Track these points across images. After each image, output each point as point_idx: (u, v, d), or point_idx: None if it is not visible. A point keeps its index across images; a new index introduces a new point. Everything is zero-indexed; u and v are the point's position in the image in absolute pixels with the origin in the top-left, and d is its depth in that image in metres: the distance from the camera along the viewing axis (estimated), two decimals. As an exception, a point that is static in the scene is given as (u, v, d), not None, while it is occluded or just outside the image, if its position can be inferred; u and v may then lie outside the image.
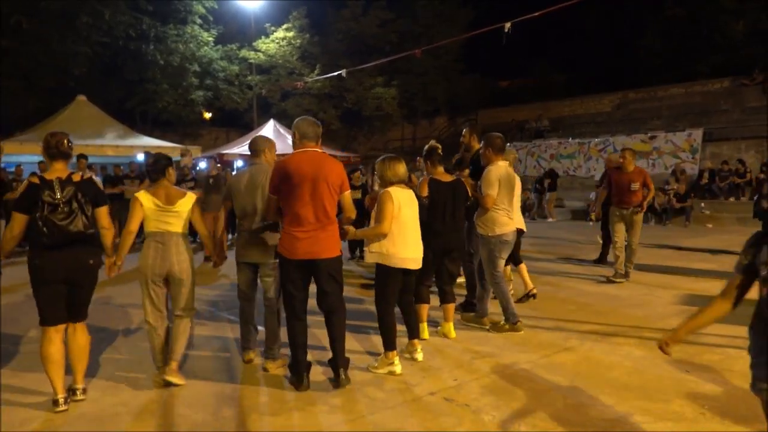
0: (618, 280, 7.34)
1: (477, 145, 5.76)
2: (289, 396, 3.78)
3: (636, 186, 7.40)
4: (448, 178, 4.98)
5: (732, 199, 15.99)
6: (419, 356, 4.42)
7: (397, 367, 4.16)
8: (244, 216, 4.25)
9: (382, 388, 3.89)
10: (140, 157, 14.91)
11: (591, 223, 13.92)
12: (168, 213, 3.92)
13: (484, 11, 25.40)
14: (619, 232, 7.51)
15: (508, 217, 5.15)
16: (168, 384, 3.89)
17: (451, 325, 5.08)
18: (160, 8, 22.15)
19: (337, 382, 3.88)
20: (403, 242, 4.17)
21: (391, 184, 4.24)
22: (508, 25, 10.88)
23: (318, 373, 4.10)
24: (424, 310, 4.92)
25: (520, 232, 5.59)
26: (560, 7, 10.38)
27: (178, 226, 3.96)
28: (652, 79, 24.11)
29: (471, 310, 5.67)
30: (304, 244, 3.78)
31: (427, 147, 5.11)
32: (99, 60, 20.86)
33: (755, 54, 21.30)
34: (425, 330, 4.96)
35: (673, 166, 17.57)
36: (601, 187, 8.59)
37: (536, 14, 10.67)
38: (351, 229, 4.24)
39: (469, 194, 5.25)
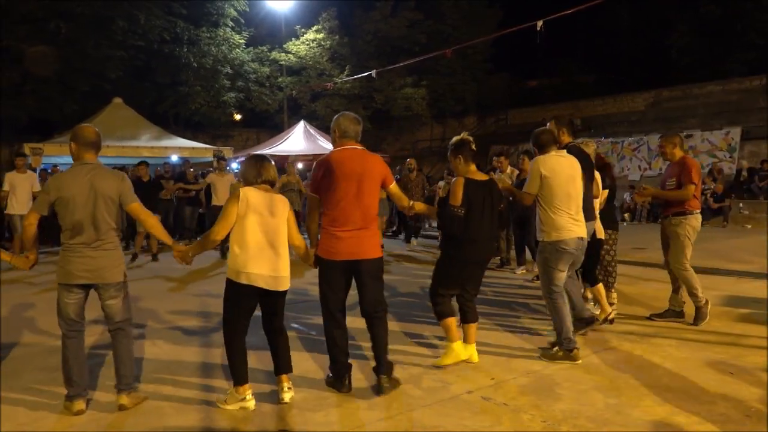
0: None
1: (568, 139, 4.91)
2: (328, 392, 3.80)
3: (671, 183, 5.34)
4: (482, 176, 4.28)
5: (772, 199, 15.58)
6: (286, 396, 3.64)
7: (250, 404, 3.60)
8: (78, 230, 3.44)
9: (419, 386, 3.90)
10: (174, 158, 15.23)
11: (625, 223, 13.71)
12: None
13: (511, 11, 25.26)
14: (663, 248, 5.60)
15: (570, 220, 4.35)
16: None
17: (473, 347, 4.33)
18: (193, 11, 22.55)
19: (379, 389, 3.72)
20: (253, 254, 3.46)
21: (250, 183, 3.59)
22: (540, 23, 10.80)
23: (355, 370, 4.10)
24: (472, 329, 4.32)
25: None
26: (591, 4, 10.26)
27: None
28: (685, 77, 23.62)
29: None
30: (347, 244, 3.66)
31: (456, 139, 4.30)
32: (133, 63, 21.30)
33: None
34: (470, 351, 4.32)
35: (710, 166, 17.19)
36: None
37: (568, 11, 10.57)
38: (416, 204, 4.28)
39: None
